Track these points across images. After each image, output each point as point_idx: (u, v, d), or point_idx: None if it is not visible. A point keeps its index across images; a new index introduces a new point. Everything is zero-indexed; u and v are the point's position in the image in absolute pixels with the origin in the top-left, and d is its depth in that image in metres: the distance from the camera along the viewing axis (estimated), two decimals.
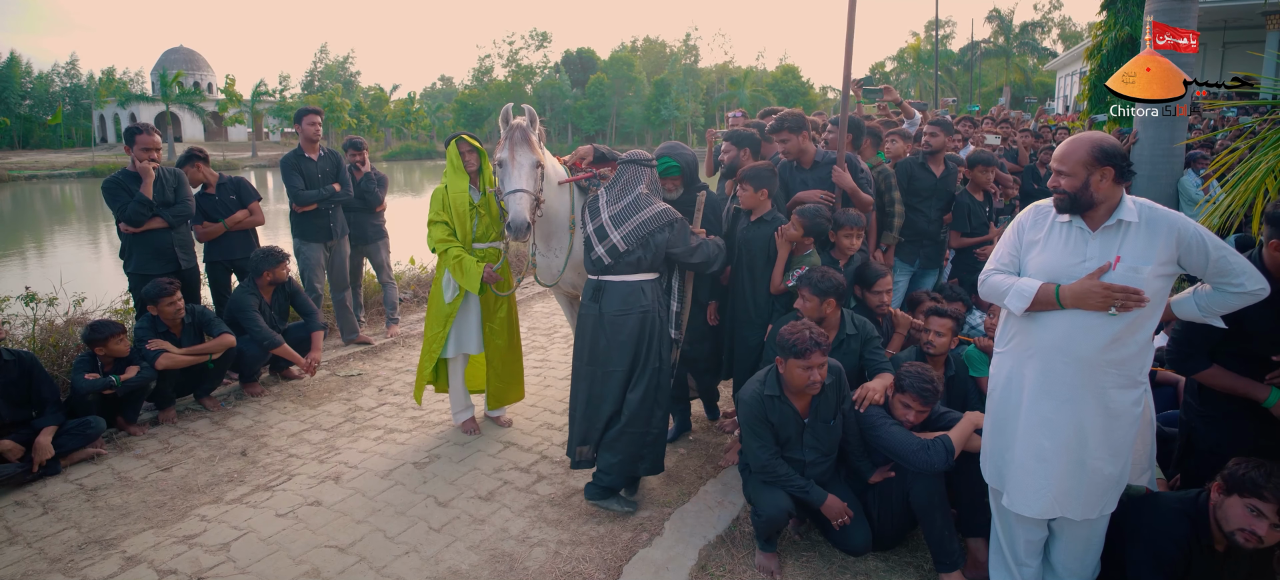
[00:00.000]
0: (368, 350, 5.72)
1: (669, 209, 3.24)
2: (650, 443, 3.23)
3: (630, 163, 3.36)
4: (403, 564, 2.91)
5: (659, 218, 3.18)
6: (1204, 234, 2.18)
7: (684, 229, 3.25)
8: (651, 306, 3.20)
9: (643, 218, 3.17)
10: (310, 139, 5.26)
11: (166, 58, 49.97)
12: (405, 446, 4.00)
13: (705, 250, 3.31)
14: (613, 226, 3.17)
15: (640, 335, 3.17)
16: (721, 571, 2.87)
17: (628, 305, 3.16)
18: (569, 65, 58.85)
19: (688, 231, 3.27)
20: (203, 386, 4.53)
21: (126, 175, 4.47)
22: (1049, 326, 2.27)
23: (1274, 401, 2.38)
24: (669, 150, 3.58)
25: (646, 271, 3.21)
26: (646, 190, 3.26)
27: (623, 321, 3.15)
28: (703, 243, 3.30)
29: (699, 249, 3.28)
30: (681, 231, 3.24)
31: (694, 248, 3.27)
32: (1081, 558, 2.50)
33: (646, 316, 3.17)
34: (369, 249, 5.95)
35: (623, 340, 3.15)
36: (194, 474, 3.71)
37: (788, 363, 2.74)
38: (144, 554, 2.99)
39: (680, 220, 3.25)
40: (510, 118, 3.47)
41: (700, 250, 3.29)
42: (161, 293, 4.21)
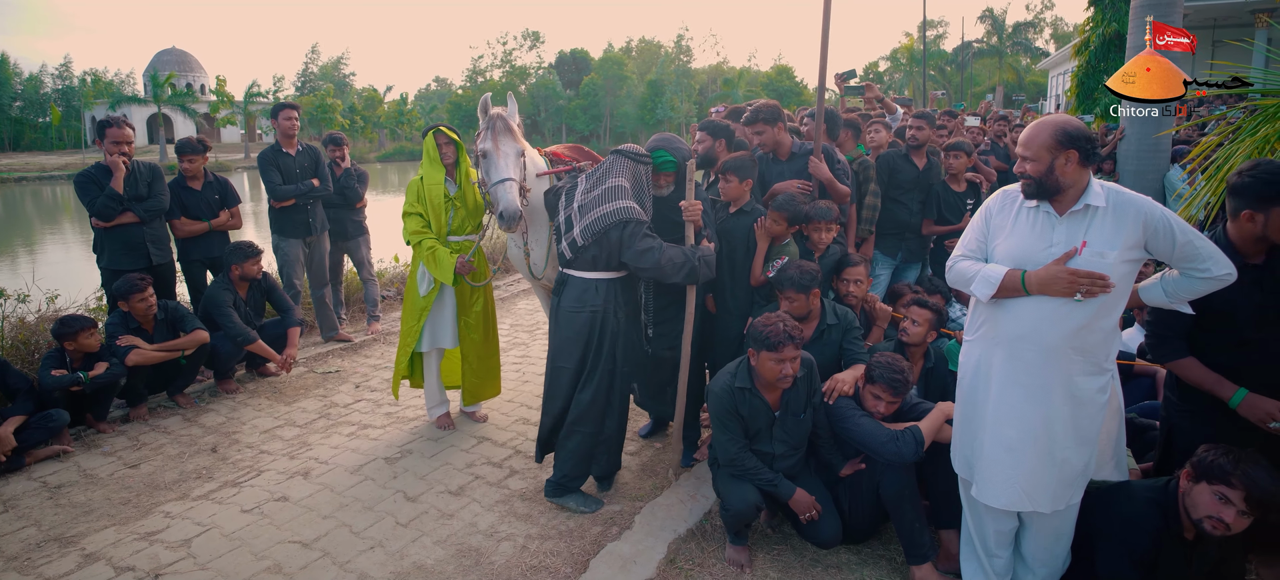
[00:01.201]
0: (347, 347, 5.67)
1: (629, 208, 3.02)
2: (603, 444, 3.18)
3: (619, 155, 3.20)
4: (367, 559, 2.87)
5: (614, 215, 3.01)
6: (1171, 218, 2.15)
7: (637, 232, 3.00)
8: (603, 307, 3.07)
9: (600, 212, 3.03)
10: (287, 134, 5.21)
11: (159, 59, 49.82)
12: (378, 442, 3.95)
13: (654, 257, 2.97)
14: (578, 218, 3.08)
15: (589, 335, 3.07)
16: (691, 565, 2.83)
17: (580, 302, 3.08)
18: (562, 66, 58.85)
19: (641, 235, 3.00)
20: (176, 384, 4.47)
21: (99, 169, 4.41)
22: (1016, 315, 2.24)
23: (1238, 401, 2.34)
24: (663, 143, 3.34)
25: (604, 269, 3.08)
26: (626, 184, 3.09)
27: (573, 318, 3.08)
28: (654, 249, 2.98)
29: (647, 254, 2.97)
30: (634, 234, 3.00)
31: (640, 251, 2.97)
32: (1051, 548, 2.47)
33: (597, 316, 3.07)
34: (349, 245, 5.90)
35: (571, 337, 3.09)
36: (162, 471, 3.65)
37: (760, 355, 2.71)
38: (103, 551, 2.94)
39: (636, 222, 3.01)
40: (489, 107, 3.43)
41: (648, 256, 2.96)
42: (133, 288, 4.15)
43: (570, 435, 3.13)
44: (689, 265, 3.01)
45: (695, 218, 3.13)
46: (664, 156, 3.29)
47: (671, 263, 2.99)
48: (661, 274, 3.01)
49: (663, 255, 2.98)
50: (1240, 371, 2.37)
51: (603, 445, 3.19)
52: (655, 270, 3.00)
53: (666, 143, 3.34)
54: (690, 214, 3.12)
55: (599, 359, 3.10)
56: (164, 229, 4.65)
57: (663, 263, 2.97)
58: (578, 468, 3.18)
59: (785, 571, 2.82)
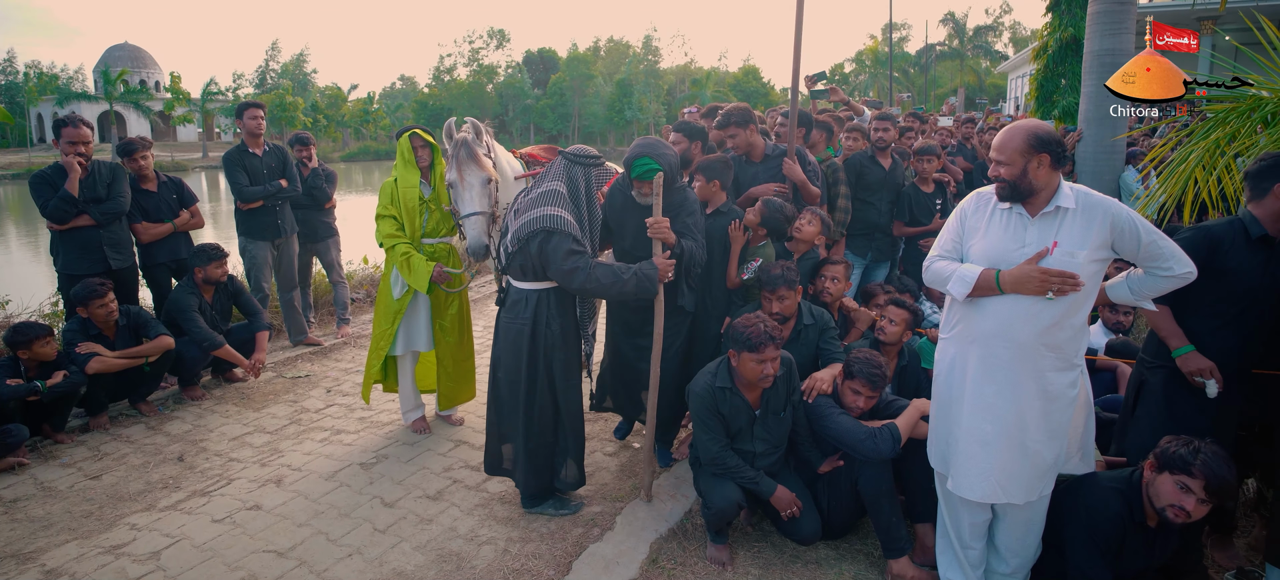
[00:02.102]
0: (317, 351, 5.56)
1: (552, 217, 2.80)
2: (560, 455, 3.11)
3: (564, 157, 3.02)
4: (345, 567, 2.82)
5: (537, 223, 2.80)
6: (1136, 219, 2.25)
7: (561, 246, 2.78)
8: (533, 318, 2.92)
9: (527, 218, 2.85)
10: (253, 133, 5.08)
11: (110, 54, 48.03)
12: (352, 447, 3.89)
13: (581, 277, 2.78)
14: (512, 222, 2.94)
15: (520, 347, 2.94)
16: (673, 564, 2.85)
17: (514, 312, 2.97)
18: (530, 65, 58.47)
19: (566, 252, 2.78)
20: (139, 391, 4.33)
21: (55, 170, 4.25)
22: (989, 313, 2.31)
23: (1180, 354, 2.53)
24: (647, 149, 3.08)
25: (534, 279, 2.93)
26: (560, 190, 2.89)
27: (509, 328, 2.99)
28: (580, 269, 2.78)
29: (573, 274, 2.77)
30: (557, 247, 2.77)
31: (567, 271, 2.77)
32: (1022, 538, 2.55)
33: (525, 328, 2.93)
34: (319, 247, 5.78)
35: (507, 347, 3.00)
36: (125, 481, 3.54)
37: (741, 356, 2.73)
38: (65, 567, 2.84)
39: (559, 234, 2.78)
40: (454, 132, 3.36)
41: (575, 276, 2.77)
42: (92, 294, 4.01)
43: (521, 450, 3.05)
44: (618, 285, 2.83)
45: (661, 235, 2.98)
46: (646, 164, 3.06)
47: (598, 283, 2.80)
48: (589, 294, 2.90)
49: (589, 275, 2.79)
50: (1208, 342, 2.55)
51: (560, 456, 3.10)
52: (583, 290, 2.88)
53: (650, 148, 3.12)
54: (655, 231, 2.97)
55: (536, 372, 2.96)
56: (124, 232, 4.49)
57: (588, 285, 2.80)
58: (538, 480, 3.09)
59: (766, 568, 2.85)
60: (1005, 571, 2.63)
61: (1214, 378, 2.50)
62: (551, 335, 2.97)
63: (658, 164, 3.05)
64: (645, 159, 3.08)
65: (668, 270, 3.00)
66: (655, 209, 3.03)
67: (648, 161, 3.07)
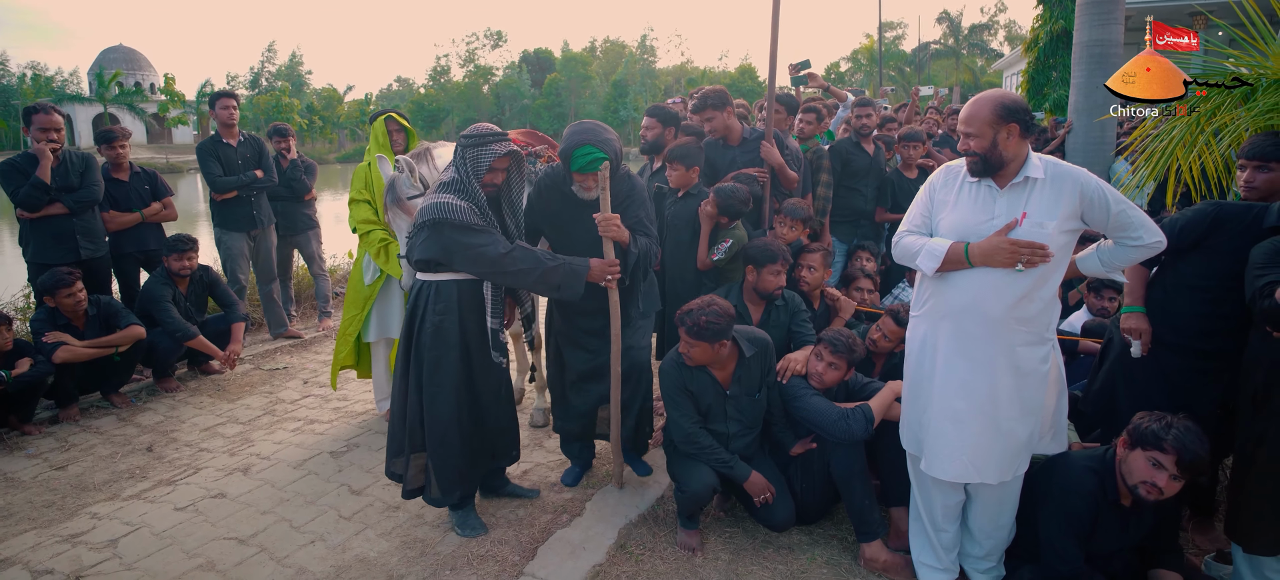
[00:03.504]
0: (297, 344, 5.50)
1: (437, 205, 2.51)
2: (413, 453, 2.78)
3: (459, 142, 2.65)
4: (306, 553, 2.77)
5: (421, 215, 2.56)
6: (1105, 189, 2.21)
7: (453, 236, 2.51)
8: (411, 312, 2.71)
9: (419, 209, 2.62)
10: (226, 123, 5.03)
11: (104, 56, 47.83)
12: (323, 436, 3.83)
13: (491, 260, 2.52)
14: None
15: (410, 338, 2.72)
16: (641, 550, 2.80)
17: (411, 305, 2.75)
18: (527, 65, 58.42)
19: (460, 236, 2.51)
20: (110, 382, 4.27)
21: (25, 157, 4.19)
22: (959, 287, 2.28)
23: (1126, 311, 2.64)
24: (587, 136, 2.72)
25: (422, 270, 2.69)
26: (454, 175, 2.61)
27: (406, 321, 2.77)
28: (487, 246, 2.52)
29: (482, 255, 2.51)
30: (450, 239, 2.51)
31: (472, 256, 2.52)
32: (996, 519, 2.51)
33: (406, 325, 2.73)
34: (298, 239, 5.73)
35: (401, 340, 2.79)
36: (91, 472, 3.48)
37: (681, 334, 2.71)
38: (20, 556, 2.78)
39: (446, 223, 2.50)
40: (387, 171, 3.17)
41: (484, 258, 2.52)
42: (60, 283, 3.95)
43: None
44: (539, 272, 2.58)
45: (613, 234, 2.73)
46: (590, 153, 2.69)
47: (516, 269, 2.57)
48: (507, 280, 2.65)
49: (505, 258, 2.55)
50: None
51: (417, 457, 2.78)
52: (498, 276, 2.63)
53: (591, 134, 2.74)
54: (606, 228, 2.71)
55: (407, 365, 2.72)
56: (97, 221, 4.43)
57: (506, 268, 2.56)
58: (447, 487, 2.76)
59: (737, 554, 2.80)
60: (979, 554, 2.59)
61: (1141, 340, 2.65)
62: (423, 331, 2.66)
63: (602, 152, 2.70)
64: (588, 148, 2.70)
65: (606, 272, 2.72)
66: (603, 203, 2.71)
67: (591, 150, 2.69)
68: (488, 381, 2.79)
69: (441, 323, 2.64)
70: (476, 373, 2.75)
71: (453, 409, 2.68)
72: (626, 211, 2.85)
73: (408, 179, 3.05)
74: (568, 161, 2.76)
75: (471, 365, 2.73)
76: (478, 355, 2.74)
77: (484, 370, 2.76)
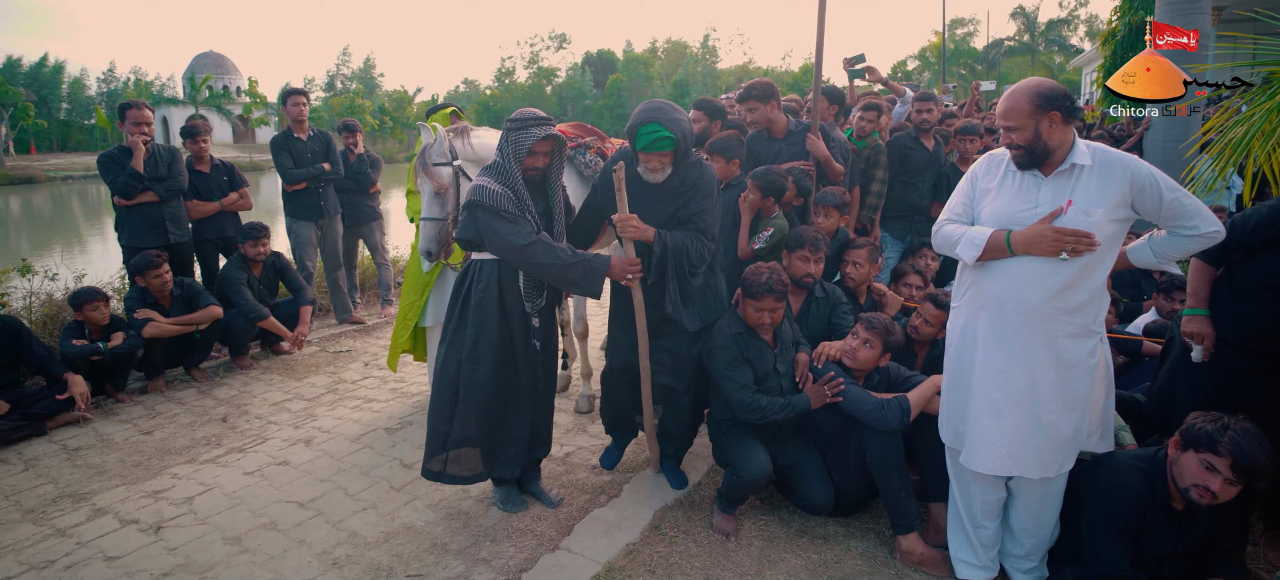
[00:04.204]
0: (360, 329, 5.79)
1: (476, 189, 2.58)
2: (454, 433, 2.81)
3: (508, 125, 2.68)
4: (359, 519, 2.94)
5: (467, 196, 2.64)
6: (1157, 175, 2.13)
7: (486, 219, 2.56)
8: (461, 286, 2.78)
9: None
10: (297, 119, 5.35)
11: (196, 62, 51.11)
12: (380, 414, 4.04)
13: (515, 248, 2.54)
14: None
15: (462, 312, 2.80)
16: (675, 531, 2.85)
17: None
18: (589, 66, 59.12)
19: (492, 221, 2.55)
20: (191, 358, 4.62)
21: (121, 150, 4.59)
22: (1000, 275, 2.22)
23: (1189, 313, 2.51)
24: (655, 114, 2.62)
25: (473, 250, 2.78)
26: (498, 159, 2.66)
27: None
28: (512, 235, 2.53)
29: (508, 242, 2.54)
30: (483, 222, 2.57)
31: (499, 243, 2.56)
32: (1038, 517, 2.43)
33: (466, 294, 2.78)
34: (363, 230, 6.03)
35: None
36: (173, 437, 3.78)
37: (743, 301, 2.79)
38: (112, 506, 3.06)
39: (479, 207, 2.56)
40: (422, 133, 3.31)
41: (510, 246, 2.55)
42: (149, 265, 4.31)
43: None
44: (556, 267, 2.56)
45: (629, 233, 2.67)
46: (655, 132, 2.59)
47: (534, 260, 2.56)
48: (526, 269, 2.66)
49: (529, 248, 2.55)
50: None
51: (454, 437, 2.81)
52: (519, 262, 2.64)
53: (659, 113, 2.64)
54: (622, 229, 2.66)
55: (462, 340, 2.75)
56: (182, 209, 4.81)
57: (528, 259, 2.57)
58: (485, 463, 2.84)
59: (770, 542, 2.82)
60: (1020, 553, 2.52)
61: (1203, 345, 2.52)
62: (468, 306, 2.74)
63: (669, 131, 2.60)
64: (654, 125, 2.60)
65: (627, 271, 2.66)
66: (619, 203, 2.63)
67: (657, 129, 2.59)
68: (527, 367, 2.81)
69: (483, 299, 2.72)
70: (519, 356, 2.79)
71: (490, 387, 2.73)
72: (687, 203, 2.74)
73: (438, 147, 3.15)
74: (633, 139, 2.67)
75: (513, 346, 2.77)
76: (519, 339, 2.77)
77: (525, 356, 2.80)
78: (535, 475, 3.11)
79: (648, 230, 2.68)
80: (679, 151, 2.66)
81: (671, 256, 2.71)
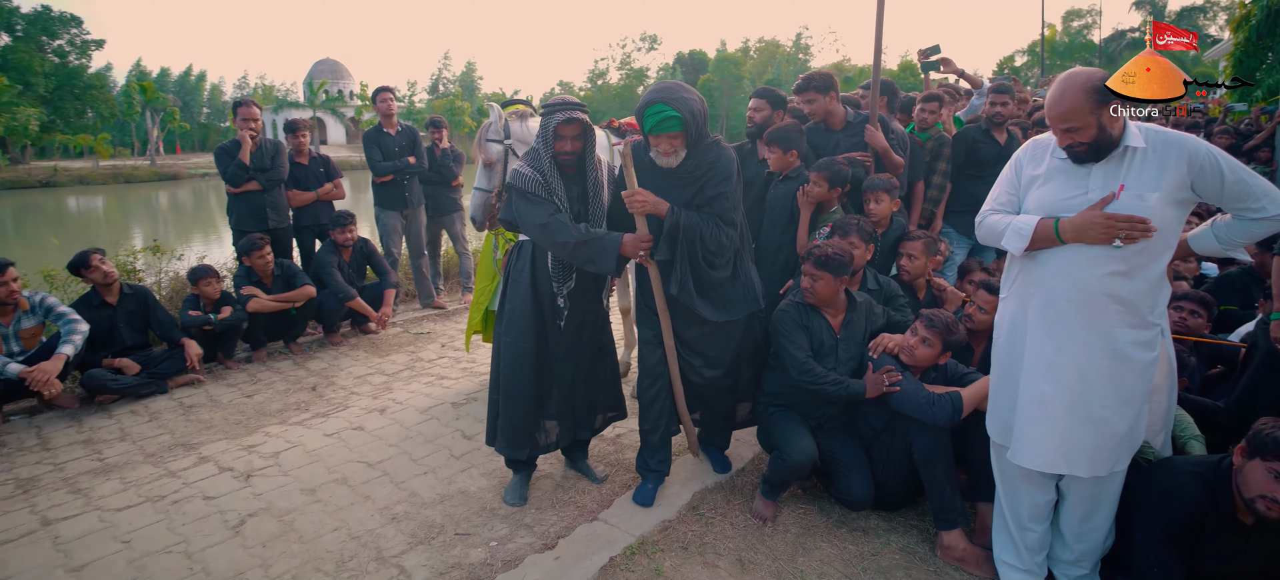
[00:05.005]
0: (441, 313, 6.16)
1: (513, 172, 2.72)
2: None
3: (541, 111, 2.76)
4: (419, 481, 3.18)
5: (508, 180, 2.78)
6: (1218, 155, 1.98)
7: (515, 201, 2.71)
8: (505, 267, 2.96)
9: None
10: (387, 115, 5.76)
11: (315, 68, 55.37)
12: (449, 390, 4.32)
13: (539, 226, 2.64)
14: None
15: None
16: (712, 513, 2.90)
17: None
18: (681, 67, 59.37)
19: (522, 203, 2.66)
20: (289, 333, 5.09)
21: (233, 144, 5.12)
22: (1049, 264, 2.13)
23: (1277, 318, 2.31)
24: (659, 93, 2.57)
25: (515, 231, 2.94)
26: (537, 144, 2.74)
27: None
28: (536, 216, 2.63)
29: (533, 222, 2.66)
30: (514, 203, 2.73)
31: (528, 223, 2.68)
32: (1088, 520, 2.30)
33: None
34: (445, 220, 6.39)
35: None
36: (270, 401, 4.20)
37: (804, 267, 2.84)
38: (214, 456, 3.46)
39: (513, 189, 2.69)
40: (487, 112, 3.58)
41: (533, 225, 2.66)
42: (253, 246, 4.79)
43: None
44: (570, 245, 2.60)
45: (635, 208, 2.66)
46: (661, 111, 2.52)
47: (552, 239, 2.64)
48: (549, 248, 2.73)
49: (548, 226, 2.62)
50: None
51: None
52: (543, 241, 2.72)
53: (666, 93, 2.56)
54: (630, 204, 2.66)
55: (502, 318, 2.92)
56: (282, 197, 5.30)
57: (549, 238, 2.64)
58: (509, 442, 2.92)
59: (807, 530, 2.82)
60: (1068, 558, 2.39)
61: None
62: (507, 284, 2.89)
63: (675, 110, 2.51)
64: (660, 105, 2.52)
65: (639, 247, 2.65)
66: (628, 178, 2.63)
67: (663, 109, 2.51)
68: (559, 347, 2.86)
69: (518, 278, 2.84)
70: (550, 335, 2.86)
71: (524, 364, 2.81)
72: (703, 188, 2.70)
73: (495, 125, 3.35)
74: (641, 123, 2.63)
75: (545, 326, 2.85)
76: (550, 320, 2.84)
77: (555, 334, 2.86)
78: (582, 453, 3.23)
79: (660, 204, 2.64)
80: (689, 133, 2.59)
81: (683, 234, 2.67)
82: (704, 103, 2.71)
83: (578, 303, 2.89)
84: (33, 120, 35.45)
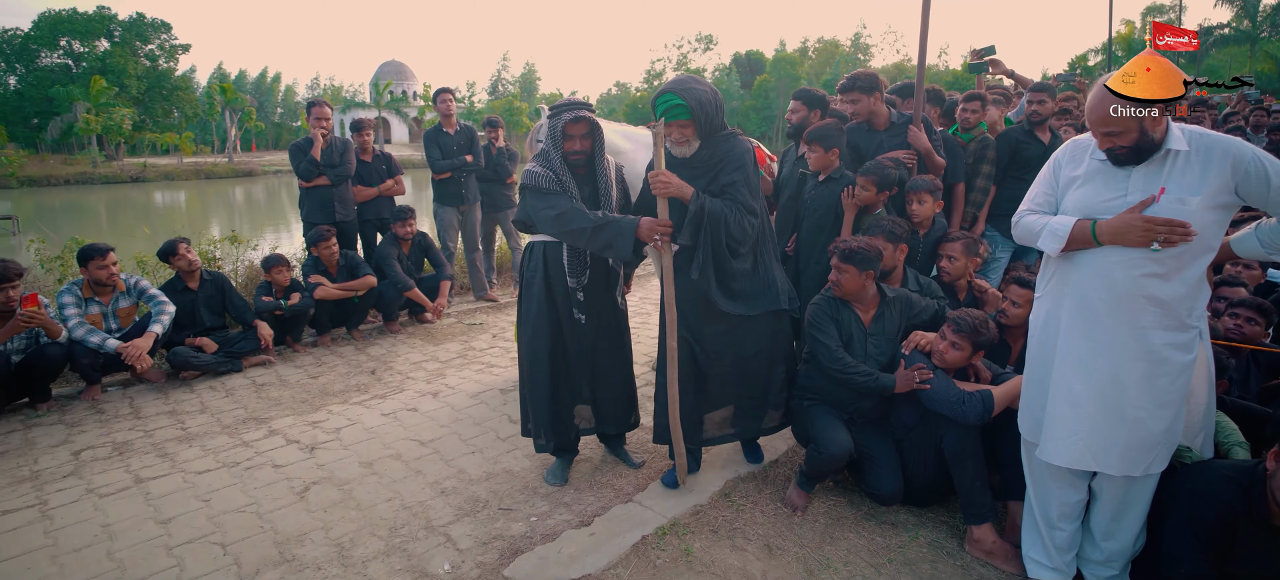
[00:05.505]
0: (494, 306, 6.42)
1: (525, 172, 2.86)
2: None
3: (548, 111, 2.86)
4: (466, 460, 3.38)
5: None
6: (1264, 158, 1.96)
7: (528, 199, 2.82)
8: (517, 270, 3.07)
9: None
10: (446, 115, 6.04)
11: (381, 70, 57.57)
12: (498, 377, 4.53)
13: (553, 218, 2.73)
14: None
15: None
16: (744, 501, 2.99)
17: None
18: (738, 67, 59.06)
19: (536, 200, 2.77)
20: (352, 320, 5.42)
21: (305, 141, 5.48)
22: (1085, 264, 2.13)
23: None
24: (671, 85, 2.69)
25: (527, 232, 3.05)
26: (547, 145, 2.83)
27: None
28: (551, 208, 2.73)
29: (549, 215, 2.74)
30: (527, 202, 2.83)
31: (544, 217, 2.77)
32: (1118, 519, 2.30)
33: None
34: (500, 216, 6.64)
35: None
36: (333, 383, 4.50)
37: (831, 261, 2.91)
38: (282, 429, 3.75)
39: (525, 188, 2.82)
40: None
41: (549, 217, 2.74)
42: (320, 238, 5.12)
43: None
44: (586, 232, 2.67)
45: (658, 189, 2.66)
46: (669, 100, 2.63)
47: (567, 227, 2.71)
48: (564, 238, 2.80)
49: (561, 217, 2.70)
50: None
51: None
52: (559, 233, 2.79)
53: (677, 83, 2.67)
54: (654, 184, 2.67)
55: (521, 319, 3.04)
56: (348, 192, 5.65)
57: (563, 228, 2.73)
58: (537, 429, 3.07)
59: (836, 522, 2.87)
60: (1098, 558, 2.39)
61: None
62: (523, 286, 3.00)
63: (681, 99, 2.60)
64: (669, 94, 2.63)
65: (656, 231, 2.65)
66: (656, 159, 2.63)
67: (670, 99, 2.62)
68: (576, 341, 2.95)
69: (533, 278, 2.93)
70: (566, 330, 2.94)
71: (539, 361, 2.93)
72: (718, 176, 2.72)
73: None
74: (654, 111, 2.72)
75: (560, 322, 2.93)
76: (564, 313, 2.92)
77: (572, 329, 2.94)
78: (620, 440, 3.37)
79: (685, 187, 2.66)
80: (699, 123, 2.66)
81: (707, 221, 2.68)
82: (717, 95, 2.76)
83: (592, 298, 2.95)
84: (126, 119, 38.25)
